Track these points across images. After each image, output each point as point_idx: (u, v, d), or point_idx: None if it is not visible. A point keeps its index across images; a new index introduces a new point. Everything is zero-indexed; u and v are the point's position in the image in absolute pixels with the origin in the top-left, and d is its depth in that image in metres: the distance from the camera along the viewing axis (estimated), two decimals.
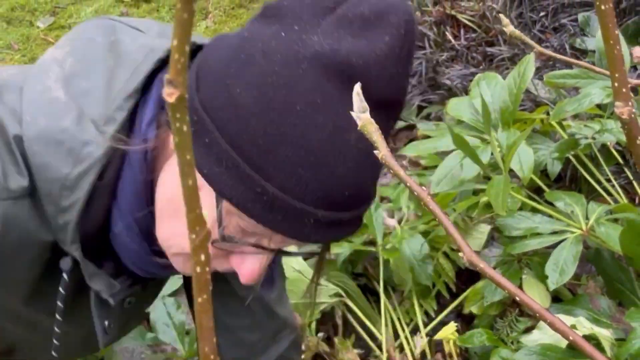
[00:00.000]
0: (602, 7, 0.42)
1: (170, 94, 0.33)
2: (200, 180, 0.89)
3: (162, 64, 1.02)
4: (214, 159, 0.89)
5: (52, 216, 0.98)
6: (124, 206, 1.01)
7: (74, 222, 0.97)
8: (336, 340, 2.01)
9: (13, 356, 1.23)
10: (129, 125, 1.00)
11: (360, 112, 0.61)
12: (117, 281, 1.08)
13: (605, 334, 1.59)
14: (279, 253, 1.01)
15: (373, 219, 2.06)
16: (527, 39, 0.81)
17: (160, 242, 1.01)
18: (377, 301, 2.08)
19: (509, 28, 0.87)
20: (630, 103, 0.44)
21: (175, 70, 0.33)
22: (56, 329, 1.11)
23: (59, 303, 1.07)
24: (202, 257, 0.35)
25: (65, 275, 1.04)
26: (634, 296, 1.79)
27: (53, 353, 1.15)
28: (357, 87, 0.62)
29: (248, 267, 0.98)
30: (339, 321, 2.09)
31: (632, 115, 0.44)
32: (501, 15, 0.82)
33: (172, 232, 0.99)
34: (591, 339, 1.55)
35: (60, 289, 1.05)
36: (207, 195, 0.91)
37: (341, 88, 0.89)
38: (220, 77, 0.91)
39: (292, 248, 1.15)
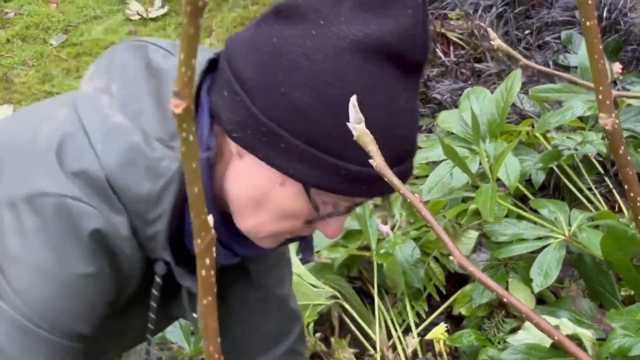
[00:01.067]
0: (587, 24, 0.42)
1: (177, 106, 0.33)
2: (281, 177, 0.98)
3: (204, 75, 1.04)
4: (295, 159, 0.96)
5: (140, 229, 1.03)
6: None
7: (164, 231, 1.03)
8: (333, 340, 2.00)
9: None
10: None
11: (356, 123, 0.60)
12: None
13: (586, 334, 1.58)
14: (349, 210, 1.08)
15: (367, 226, 2.05)
16: (513, 52, 0.81)
17: (245, 231, 1.08)
18: (372, 303, 2.07)
19: (496, 42, 0.88)
20: (613, 114, 0.44)
21: (181, 82, 0.32)
22: (150, 326, 1.17)
23: (153, 304, 1.13)
24: (207, 261, 0.35)
25: (158, 279, 1.10)
26: (614, 298, 1.79)
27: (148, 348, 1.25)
28: (354, 99, 0.61)
29: (333, 227, 1.06)
30: (336, 322, 2.08)
31: (615, 126, 0.44)
32: (489, 30, 0.83)
33: (258, 222, 1.05)
34: (573, 338, 1.55)
35: (154, 291, 1.11)
36: (291, 187, 0.99)
37: (384, 66, 0.95)
38: (271, 86, 0.96)
39: None
